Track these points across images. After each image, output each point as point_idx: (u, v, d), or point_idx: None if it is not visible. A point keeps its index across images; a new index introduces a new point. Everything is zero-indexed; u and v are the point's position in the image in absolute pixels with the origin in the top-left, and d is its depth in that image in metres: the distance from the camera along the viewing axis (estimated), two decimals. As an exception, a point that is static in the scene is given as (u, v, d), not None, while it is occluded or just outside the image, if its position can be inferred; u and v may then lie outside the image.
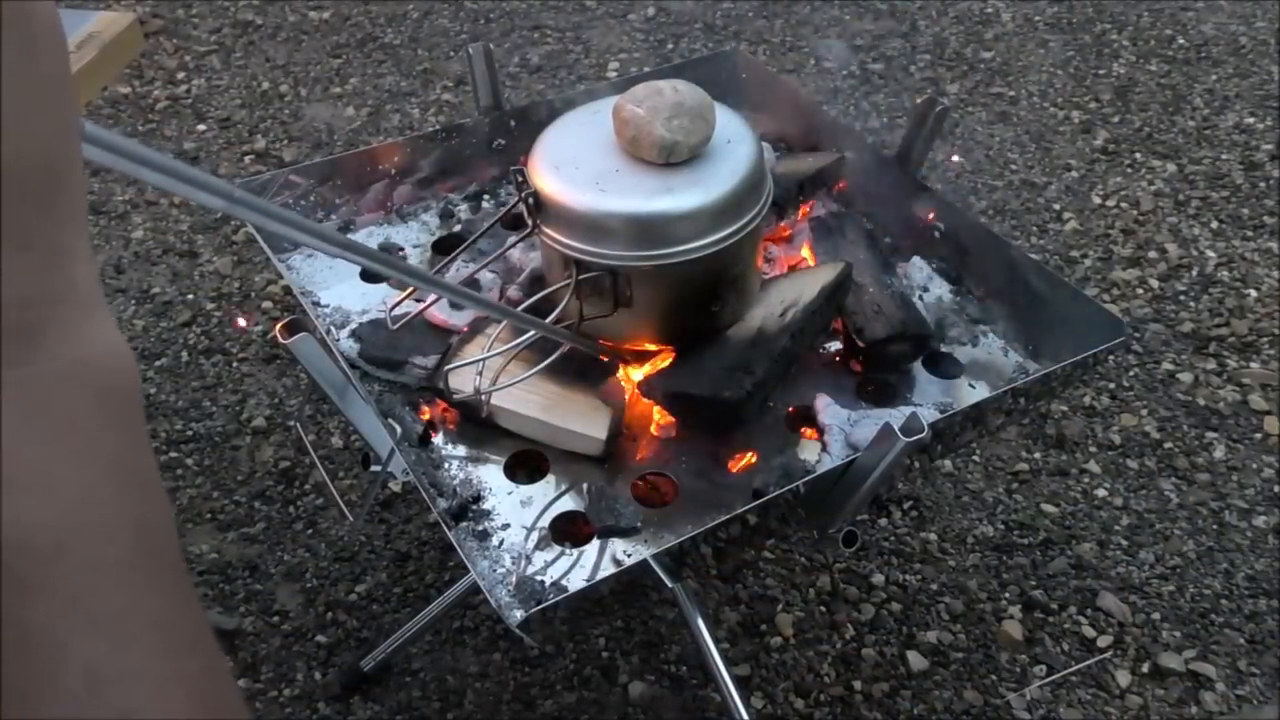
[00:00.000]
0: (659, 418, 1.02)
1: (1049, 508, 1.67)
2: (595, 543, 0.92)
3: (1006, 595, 1.56)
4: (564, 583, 0.88)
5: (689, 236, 0.94)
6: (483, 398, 0.96)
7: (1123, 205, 2.27)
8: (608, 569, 0.89)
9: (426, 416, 1.02)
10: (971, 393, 1.06)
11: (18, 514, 0.29)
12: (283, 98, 2.66)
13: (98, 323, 0.33)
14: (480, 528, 0.92)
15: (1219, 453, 1.75)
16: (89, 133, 0.36)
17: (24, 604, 0.29)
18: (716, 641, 1.31)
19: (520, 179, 0.96)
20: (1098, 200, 2.28)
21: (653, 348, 1.04)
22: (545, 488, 0.97)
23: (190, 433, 1.81)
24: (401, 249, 1.25)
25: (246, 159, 2.45)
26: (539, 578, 0.88)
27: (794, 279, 1.09)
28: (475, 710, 1.43)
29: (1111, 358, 1.85)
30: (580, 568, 0.90)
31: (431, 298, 1.06)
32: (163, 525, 0.35)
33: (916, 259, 1.20)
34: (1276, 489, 1.69)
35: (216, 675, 0.36)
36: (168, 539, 0.35)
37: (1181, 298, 2.04)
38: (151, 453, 0.35)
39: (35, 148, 0.30)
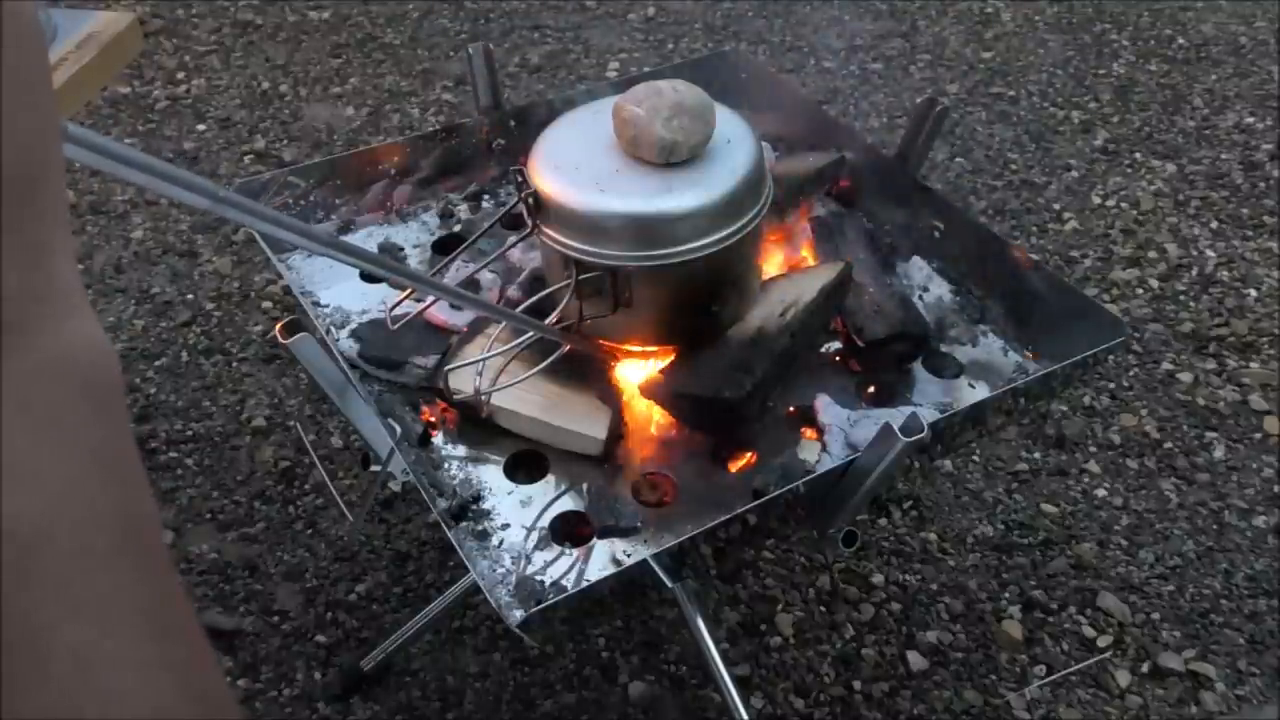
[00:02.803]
0: (659, 418, 1.02)
1: (1049, 508, 1.67)
2: (595, 543, 0.92)
3: (1006, 595, 1.56)
4: (564, 583, 0.88)
5: (689, 237, 0.94)
6: (483, 398, 0.96)
7: (1123, 205, 2.27)
8: (608, 569, 0.89)
9: (426, 416, 1.03)
10: (971, 393, 1.06)
11: (3, 505, 0.30)
12: (282, 98, 2.66)
13: (79, 317, 0.34)
14: (480, 528, 0.93)
15: (1219, 453, 1.75)
16: (72, 133, 0.36)
17: (11, 591, 0.30)
18: (716, 641, 1.31)
19: (520, 179, 0.96)
20: (1098, 200, 2.28)
21: (653, 348, 1.04)
22: (545, 488, 0.97)
23: (190, 433, 1.81)
24: (401, 249, 1.25)
25: (246, 159, 2.44)
26: (539, 578, 0.88)
27: (794, 279, 1.09)
28: (475, 710, 1.43)
29: (1111, 358, 1.85)
30: (580, 568, 0.90)
31: (432, 297, 1.06)
32: (147, 515, 0.36)
33: (916, 259, 1.20)
34: (1276, 489, 1.69)
35: (202, 661, 0.36)
36: (152, 528, 0.36)
37: (1181, 298, 2.04)
38: (135, 444, 0.36)
39: (14, 145, 0.30)
